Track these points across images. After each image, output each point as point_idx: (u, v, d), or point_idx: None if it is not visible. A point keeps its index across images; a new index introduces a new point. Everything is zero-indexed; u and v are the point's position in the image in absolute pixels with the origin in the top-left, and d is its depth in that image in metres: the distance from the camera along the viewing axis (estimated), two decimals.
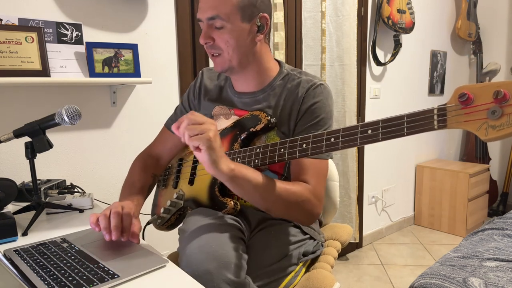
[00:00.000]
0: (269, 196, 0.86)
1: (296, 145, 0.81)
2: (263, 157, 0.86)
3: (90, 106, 1.54)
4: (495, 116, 0.56)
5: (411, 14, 2.74)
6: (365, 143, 0.69)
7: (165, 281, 0.68)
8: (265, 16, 0.96)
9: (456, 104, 0.60)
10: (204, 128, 0.75)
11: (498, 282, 1.14)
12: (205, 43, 0.95)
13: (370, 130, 0.69)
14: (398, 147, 3.03)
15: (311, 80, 0.99)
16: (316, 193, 0.92)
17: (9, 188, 1.00)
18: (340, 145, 0.73)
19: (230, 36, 0.92)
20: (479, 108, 0.58)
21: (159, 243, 1.73)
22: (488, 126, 0.57)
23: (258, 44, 0.98)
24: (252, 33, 0.95)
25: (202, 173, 1.02)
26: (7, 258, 0.77)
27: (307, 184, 0.92)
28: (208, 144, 0.74)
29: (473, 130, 0.58)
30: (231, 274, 0.75)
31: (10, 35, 1.25)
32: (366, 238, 2.85)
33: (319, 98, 0.97)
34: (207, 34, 0.93)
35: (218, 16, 0.90)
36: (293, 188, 0.88)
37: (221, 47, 0.94)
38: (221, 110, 1.07)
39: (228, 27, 0.91)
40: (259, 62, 1.00)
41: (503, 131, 0.55)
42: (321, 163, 0.95)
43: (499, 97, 0.55)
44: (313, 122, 0.96)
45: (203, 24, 0.94)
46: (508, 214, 1.75)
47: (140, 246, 0.82)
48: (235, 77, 1.04)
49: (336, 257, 1.08)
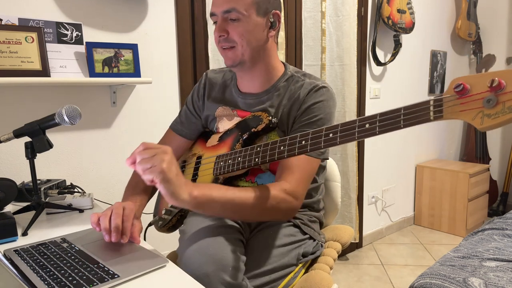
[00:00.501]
0: (242, 209, 0.84)
1: (296, 142, 0.81)
2: (263, 155, 0.86)
3: (90, 106, 1.54)
4: (491, 104, 0.56)
5: (411, 14, 2.74)
6: (363, 137, 0.69)
7: (165, 281, 0.68)
8: (278, 13, 0.98)
9: (452, 95, 0.60)
10: (156, 160, 0.71)
11: (498, 282, 1.14)
12: (219, 36, 0.95)
13: (367, 124, 0.69)
14: (398, 147, 3.03)
15: (314, 82, 1.00)
16: (293, 191, 0.90)
17: (9, 188, 1.00)
18: (338, 140, 0.73)
19: (245, 29, 0.93)
20: (474, 98, 0.58)
21: (160, 243, 1.73)
22: (484, 115, 0.57)
23: (269, 41, 0.99)
24: (265, 28, 0.96)
25: (204, 174, 1.03)
26: (7, 258, 0.77)
27: (284, 182, 0.90)
28: (161, 176, 0.70)
29: (469, 119, 0.58)
30: (229, 276, 0.75)
31: (10, 35, 1.25)
32: (366, 238, 2.85)
33: (320, 99, 0.97)
34: (221, 27, 0.94)
35: (234, 9, 0.91)
36: (266, 193, 0.86)
37: (235, 40, 0.94)
38: (224, 111, 1.07)
39: (243, 20, 0.92)
40: (268, 60, 1.01)
41: (498, 119, 0.55)
42: (308, 161, 0.94)
43: (494, 85, 0.55)
44: (310, 120, 0.96)
45: (216, 18, 0.95)
46: (508, 214, 1.75)
47: (140, 246, 0.82)
48: (241, 75, 1.04)
49: (335, 259, 1.08)
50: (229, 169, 0.94)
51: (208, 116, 1.11)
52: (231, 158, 0.95)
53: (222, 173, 0.96)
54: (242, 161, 0.91)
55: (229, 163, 0.95)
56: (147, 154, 0.71)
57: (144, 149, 0.72)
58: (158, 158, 0.71)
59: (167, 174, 0.70)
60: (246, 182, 1.01)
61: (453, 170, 3.00)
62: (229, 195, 0.82)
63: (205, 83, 1.13)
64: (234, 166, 0.93)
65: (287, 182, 0.90)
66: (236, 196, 0.83)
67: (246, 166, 0.90)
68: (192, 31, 1.79)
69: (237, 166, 0.92)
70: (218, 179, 0.98)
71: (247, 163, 0.90)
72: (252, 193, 0.85)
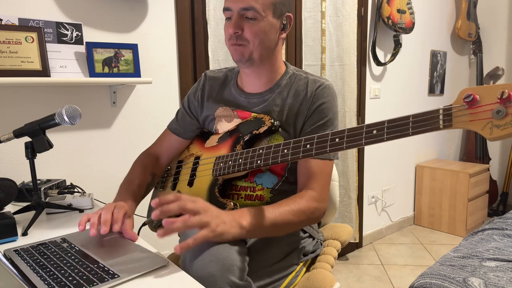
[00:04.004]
0: (282, 227, 0.88)
1: (300, 145, 0.81)
2: (265, 158, 0.86)
3: (90, 106, 1.54)
4: (500, 115, 0.58)
5: (411, 14, 2.74)
6: (370, 143, 0.70)
7: (165, 281, 0.68)
8: (290, 16, 0.99)
9: (461, 105, 0.61)
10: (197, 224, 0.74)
11: (498, 282, 1.14)
12: (234, 33, 0.94)
13: (375, 130, 0.69)
14: (398, 147, 3.03)
15: (319, 80, 1.01)
16: (321, 197, 0.94)
17: (9, 188, 1.00)
18: (345, 145, 0.73)
19: (260, 29, 0.93)
20: (484, 108, 0.59)
21: (160, 243, 1.73)
22: (493, 125, 0.59)
23: (279, 42, 1.00)
24: (278, 30, 0.97)
25: (202, 174, 1.02)
26: (7, 258, 0.77)
27: (311, 191, 0.93)
28: (212, 234, 0.74)
29: (478, 129, 0.60)
30: (235, 276, 0.75)
31: (10, 35, 1.25)
32: (366, 238, 2.85)
33: (327, 99, 0.98)
34: (237, 23, 0.93)
35: (253, 8, 0.91)
36: (299, 205, 0.89)
37: (248, 39, 0.94)
38: (224, 111, 1.06)
39: (260, 19, 0.92)
40: (274, 61, 1.01)
41: (507, 129, 0.57)
42: (327, 165, 0.96)
43: (504, 97, 0.57)
44: (320, 122, 0.97)
45: (231, 14, 0.94)
46: (508, 214, 1.75)
47: (140, 246, 0.82)
48: (248, 72, 1.03)
49: (336, 257, 1.08)
50: (229, 171, 0.94)
51: (207, 116, 1.10)
52: (231, 159, 0.94)
53: (222, 174, 0.96)
54: (244, 163, 0.91)
55: (229, 165, 0.94)
56: (189, 227, 0.74)
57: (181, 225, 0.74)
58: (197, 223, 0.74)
59: (216, 230, 0.75)
60: (245, 182, 1.00)
61: (453, 170, 3.00)
62: (271, 216, 0.85)
63: (204, 84, 1.12)
64: (234, 168, 0.93)
65: (314, 191, 0.93)
66: (278, 218, 0.85)
67: (247, 168, 0.90)
68: (192, 31, 1.79)
69: (238, 168, 0.92)
70: (217, 180, 0.98)
71: (248, 165, 0.90)
72: (288, 206, 0.88)
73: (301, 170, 0.97)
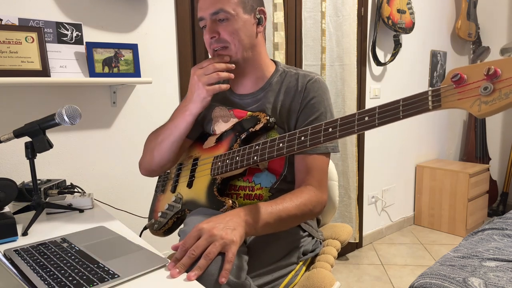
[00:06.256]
0: (286, 221, 0.89)
1: (295, 138, 0.81)
2: (261, 153, 0.87)
3: (90, 106, 1.54)
4: (487, 91, 0.58)
5: (411, 14, 2.74)
6: (362, 129, 0.70)
7: (165, 281, 0.68)
8: (263, 9, 1.01)
9: (449, 85, 0.62)
10: (209, 240, 0.74)
11: (498, 282, 1.14)
12: (211, 38, 0.96)
13: (367, 117, 0.70)
14: (398, 147, 3.03)
15: (309, 74, 1.02)
16: (321, 190, 0.96)
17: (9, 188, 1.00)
18: (338, 134, 0.74)
19: (234, 28, 0.94)
20: (471, 86, 0.60)
21: (160, 243, 1.73)
22: (481, 102, 0.59)
23: (259, 37, 1.01)
24: (254, 25, 0.99)
25: (201, 175, 1.03)
26: (7, 258, 0.77)
27: (310, 187, 0.95)
28: (224, 244, 0.74)
29: (467, 107, 0.60)
30: (232, 275, 0.75)
31: (10, 35, 1.25)
32: (366, 238, 2.85)
33: (318, 93, 0.99)
34: (212, 28, 0.95)
35: (222, 9, 0.93)
36: (301, 200, 0.91)
37: (227, 40, 0.95)
38: (220, 111, 1.07)
39: (232, 19, 0.94)
40: (258, 57, 1.02)
41: (495, 105, 0.57)
42: (323, 161, 0.98)
43: (490, 73, 0.57)
44: (312, 117, 0.98)
45: (205, 22, 0.97)
46: (508, 214, 1.75)
47: (140, 246, 0.82)
48: (235, 75, 1.03)
49: (336, 256, 1.08)
50: (226, 169, 0.94)
51: (204, 116, 1.11)
52: (228, 158, 0.95)
53: (220, 173, 0.96)
54: (240, 160, 0.91)
55: (226, 163, 0.95)
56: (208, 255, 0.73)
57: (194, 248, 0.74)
58: (206, 243, 0.73)
59: (229, 248, 0.74)
60: (244, 181, 1.01)
61: (453, 170, 3.00)
62: (276, 212, 0.86)
63: None
64: (232, 166, 0.93)
65: (313, 186, 0.95)
66: (282, 212, 0.87)
67: (244, 165, 0.90)
68: (192, 31, 1.79)
69: (235, 166, 0.92)
70: (216, 179, 0.98)
71: (245, 161, 0.90)
72: (291, 202, 0.89)
73: (298, 168, 0.98)
